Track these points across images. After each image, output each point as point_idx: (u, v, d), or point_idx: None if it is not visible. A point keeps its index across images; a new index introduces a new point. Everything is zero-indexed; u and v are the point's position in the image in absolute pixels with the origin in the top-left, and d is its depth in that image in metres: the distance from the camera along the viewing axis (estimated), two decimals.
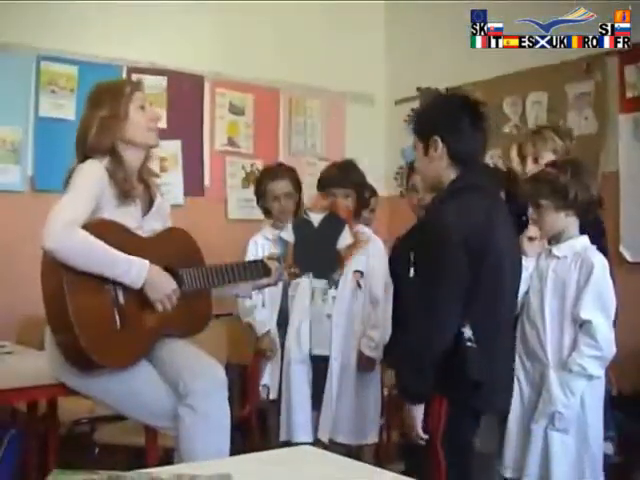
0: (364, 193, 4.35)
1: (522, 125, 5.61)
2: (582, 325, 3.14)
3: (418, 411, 2.86)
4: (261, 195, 4.58)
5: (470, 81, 5.60)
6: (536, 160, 3.74)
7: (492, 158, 5.61)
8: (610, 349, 3.16)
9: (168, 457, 3.31)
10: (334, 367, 4.13)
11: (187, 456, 2.97)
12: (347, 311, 4.18)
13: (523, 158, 3.85)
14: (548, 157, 3.69)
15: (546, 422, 3.15)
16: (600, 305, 3.15)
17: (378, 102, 6.66)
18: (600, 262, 3.19)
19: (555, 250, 3.26)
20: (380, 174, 6.37)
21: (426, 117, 3.11)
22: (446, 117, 3.01)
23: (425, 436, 2.87)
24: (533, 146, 3.80)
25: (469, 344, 2.79)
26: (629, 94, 5.00)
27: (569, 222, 3.25)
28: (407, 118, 6.26)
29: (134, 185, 3.14)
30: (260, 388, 4.36)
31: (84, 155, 3.13)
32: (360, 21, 6.47)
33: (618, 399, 4.22)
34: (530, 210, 3.30)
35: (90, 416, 4.18)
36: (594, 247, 3.25)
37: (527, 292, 3.27)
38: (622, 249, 4.96)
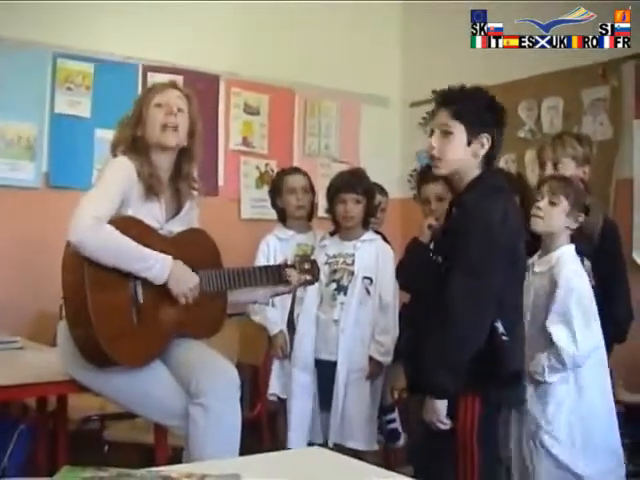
0: (373, 201, 4.34)
1: (537, 130, 5.59)
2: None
3: (443, 404, 2.88)
4: (277, 191, 4.59)
5: (486, 84, 5.56)
6: (555, 166, 3.68)
7: (507, 163, 5.60)
8: (570, 360, 3.15)
9: (177, 456, 3.31)
10: (341, 373, 4.13)
11: (196, 455, 2.96)
12: (354, 317, 4.17)
13: (542, 163, 3.80)
14: (568, 163, 3.66)
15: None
16: (563, 314, 3.16)
17: (393, 104, 6.65)
18: (569, 270, 3.21)
19: (537, 266, 3.30)
20: (394, 176, 6.36)
21: (478, 110, 3.01)
22: (498, 118, 3.02)
23: (448, 421, 2.90)
24: (553, 152, 3.74)
25: (504, 338, 2.85)
26: None
27: (564, 235, 3.28)
28: (422, 121, 6.26)
29: (161, 182, 3.16)
30: (268, 396, 4.40)
31: (112, 154, 3.18)
32: (376, 23, 6.47)
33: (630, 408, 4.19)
34: (543, 202, 3.28)
35: (100, 413, 4.17)
36: (572, 256, 3.26)
37: None
38: (635, 256, 4.93)
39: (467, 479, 2.92)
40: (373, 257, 4.23)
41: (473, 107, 3.00)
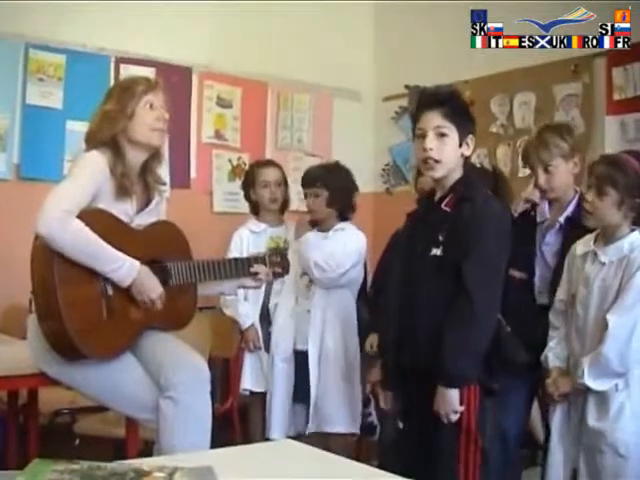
0: (340, 193, 4.27)
1: (509, 125, 5.61)
2: None
3: (457, 394, 2.87)
4: (250, 184, 4.60)
5: (458, 80, 5.60)
6: (546, 169, 3.44)
7: (479, 157, 5.61)
8: (619, 363, 2.87)
9: (148, 449, 3.31)
10: (312, 362, 4.15)
11: (167, 449, 2.96)
12: (324, 306, 4.19)
13: (532, 168, 3.53)
14: (557, 163, 3.42)
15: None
16: (630, 306, 2.86)
17: (366, 99, 6.64)
18: None
19: (602, 255, 2.98)
20: (366, 171, 6.36)
21: (465, 112, 3.05)
22: (473, 120, 3.10)
23: (461, 408, 2.89)
24: (539, 157, 3.45)
25: (508, 329, 2.95)
26: (616, 96, 4.99)
27: (625, 223, 2.96)
28: (395, 115, 6.28)
29: (132, 182, 3.13)
30: (241, 391, 4.40)
31: (87, 145, 3.13)
32: (350, 17, 6.45)
33: None
34: (590, 193, 2.98)
35: (71, 407, 4.16)
36: None
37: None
38: None
39: (469, 469, 2.91)
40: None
41: (461, 108, 3.04)
